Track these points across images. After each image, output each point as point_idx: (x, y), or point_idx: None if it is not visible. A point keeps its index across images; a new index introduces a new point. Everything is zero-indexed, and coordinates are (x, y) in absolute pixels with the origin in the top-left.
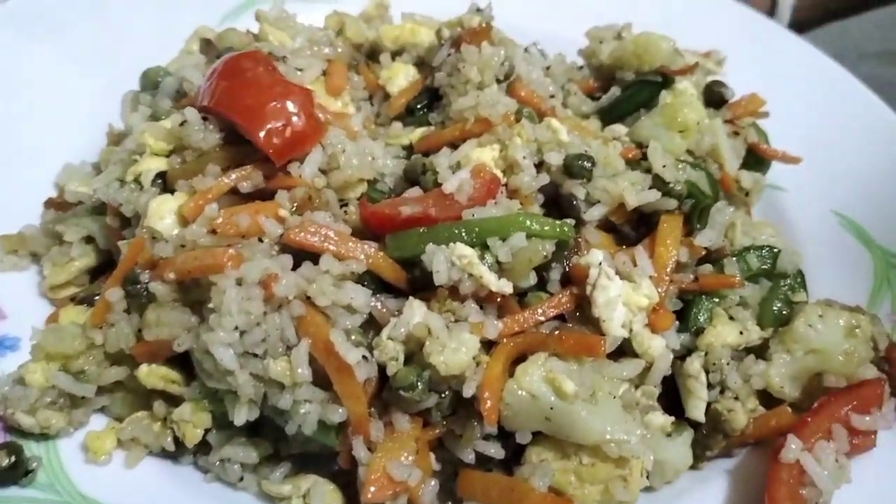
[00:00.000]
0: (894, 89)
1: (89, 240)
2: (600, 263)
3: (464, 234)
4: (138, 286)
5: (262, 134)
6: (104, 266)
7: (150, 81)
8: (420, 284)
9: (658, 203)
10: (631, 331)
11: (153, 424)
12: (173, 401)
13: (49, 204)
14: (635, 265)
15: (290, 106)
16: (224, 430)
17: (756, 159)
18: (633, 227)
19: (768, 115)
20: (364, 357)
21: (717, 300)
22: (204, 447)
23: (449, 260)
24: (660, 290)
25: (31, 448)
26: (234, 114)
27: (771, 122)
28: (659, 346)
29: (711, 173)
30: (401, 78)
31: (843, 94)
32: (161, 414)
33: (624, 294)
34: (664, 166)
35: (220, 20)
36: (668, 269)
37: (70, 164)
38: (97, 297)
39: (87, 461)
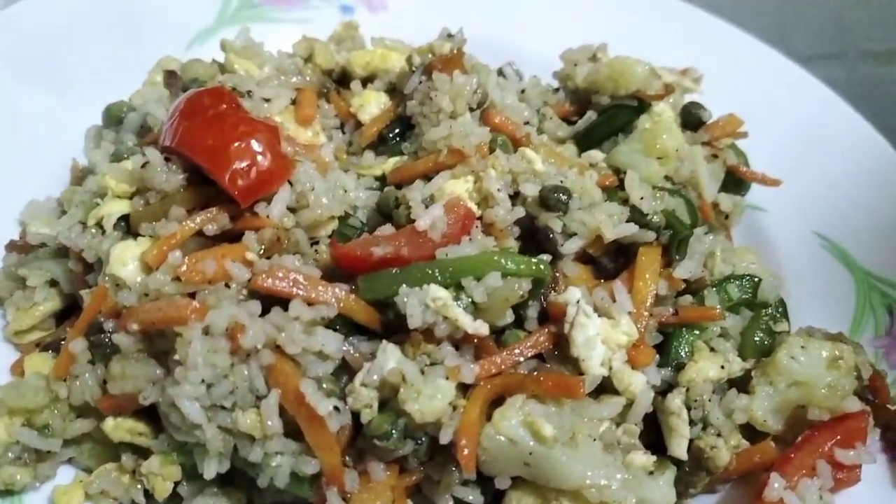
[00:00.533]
0: (895, 89)
1: (53, 283)
2: (578, 301)
3: (437, 274)
4: (102, 336)
5: (226, 175)
6: (70, 309)
7: (113, 117)
8: (394, 327)
9: (636, 235)
10: (611, 368)
11: (122, 477)
12: (142, 452)
13: (11, 247)
14: (614, 300)
15: (255, 145)
16: (194, 481)
17: (735, 181)
18: (612, 259)
19: (747, 135)
20: (335, 408)
21: (697, 332)
22: (175, 499)
23: (423, 302)
24: (639, 325)
25: None
26: (196, 154)
27: (749, 142)
28: (640, 383)
29: (690, 200)
30: (372, 105)
31: (823, 111)
32: (130, 466)
33: (603, 331)
34: (642, 198)
35: (185, 46)
36: (648, 304)
37: (35, 200)
38: (63, 342)
39: None
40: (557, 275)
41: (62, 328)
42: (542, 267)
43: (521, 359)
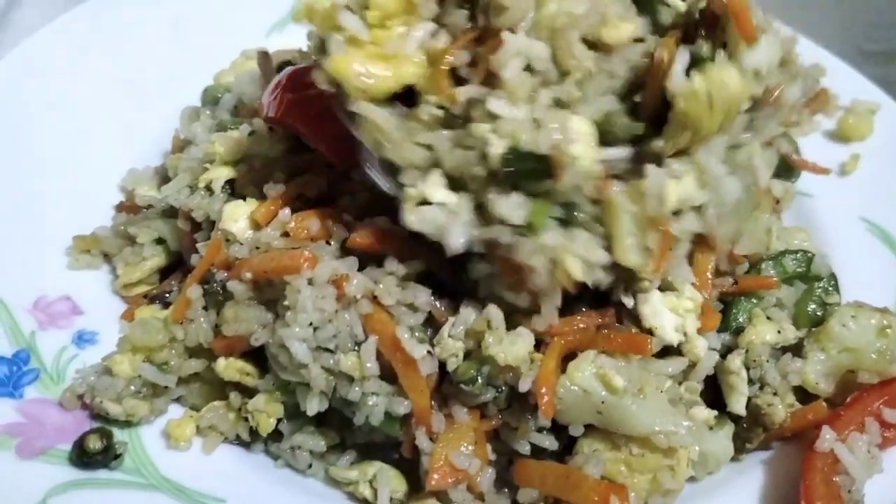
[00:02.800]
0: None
1: (160, 241)
2: None
3: None
4: (215, 285)
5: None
6: (173, 266)
7: (210, 97)
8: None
9: None
10: (685, 334)
11: (229, 413)
12: (247, 392)
13: (120, 207)
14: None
15: None
16: (294, 419)
17: (787, 168)
18: None
19: (797, 123)
20: (428, 352)
21: (755, 301)
22: (275, 436)
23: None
24: (704, 293)
25: (116, 435)
26: (300, 124)
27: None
28: (703, 346)
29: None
30: None
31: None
32: (236, 404)
33: (667, 301)
34: None
35: (265, 35)
36: (709, 275)
37: (135, 169)
38: (168, 295)
39: (168, 447)
40: None
41: (168, 282)
42: None
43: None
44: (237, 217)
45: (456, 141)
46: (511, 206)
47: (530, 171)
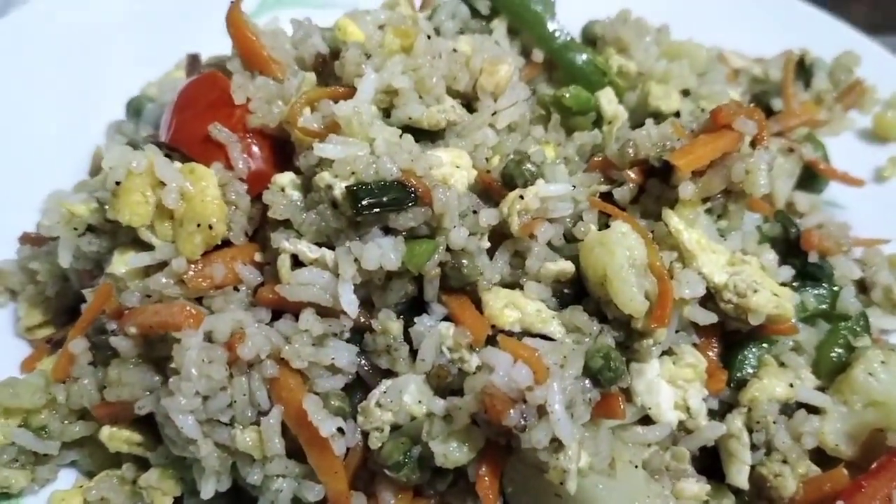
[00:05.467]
0: None
1: (66, 277)
2: None
3: None
4: (104, 337)
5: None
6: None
7: (134, 109)
8: None
9: None
10: (688, 409)
11: (123, 486)
12: (144, 461)
13: (24, 239)
14: None
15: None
16: (197, 497)
17: (812, 177)
18: None
19: (824, 123)
20: (339, 429)
21: (766, 345)
22: None
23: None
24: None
25: None
26: (189, 150)
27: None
28: (701, 410)
29: None
30: None
31: None
32: (130, 477)
33: (664, 371)
34: None
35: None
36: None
37: (61, 190)
38: None
39: None
40: None
41: (71, 326)
42: None
43: None
44: (127, 260)
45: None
46: (381, 251)
47: (393, 200)
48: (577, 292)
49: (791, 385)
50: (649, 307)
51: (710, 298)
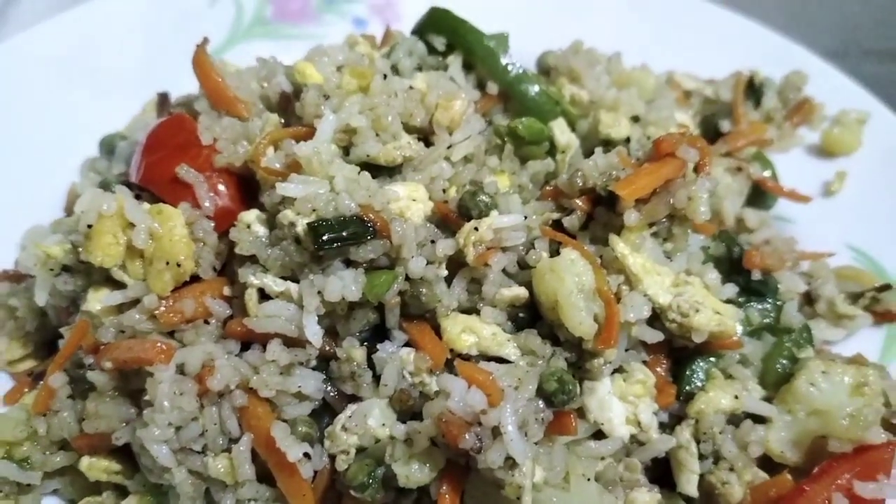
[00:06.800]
0: None
1: (45, 312)
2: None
3: None
4: (82, 371)
5: None
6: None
7: (107, 146)
8: None
9: None
10: (639, 424)
11: None
12: (123, 489)
13: (3, 276)
14: None
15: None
16: None
17: (761, 193)
18: None
19: (772, 142)
20: (306, 454)
21: (713, 359)
22: None
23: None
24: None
25: None
26: (159, 191)
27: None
28: (651, 424)
29: None
30: None
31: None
32: (110, 503)
33: (615, 387)
34: None
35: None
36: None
37: (39, 226)
38: None
39: None
40: None
41: (51, 359)
42: None
43: None
44: (101, 297)
45: (274, 239)
46: (343, 283)
47: (352, 234)
48: (532, 316)
49: (736, 397)
50: (598, 329)
51: (657, 318)
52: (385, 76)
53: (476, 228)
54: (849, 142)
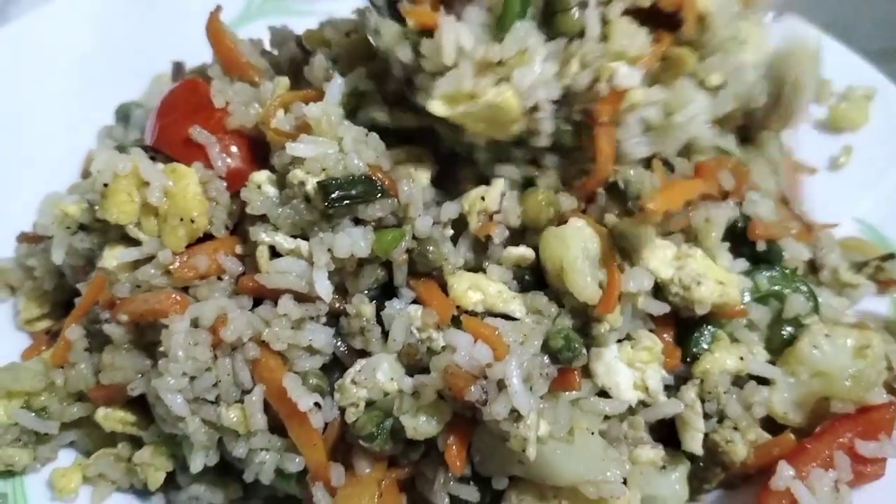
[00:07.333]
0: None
1: (61, 273)
2: None
3: None
4: (98, 325)
5: None
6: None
7: (122, 114)
8: None
9: None
10: (647, 389)
11: (119, 463)
12: (138, 440)
13: (22, 238)
14: None
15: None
16: (188, 471)
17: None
18: None
19: None
20: (317, 404)
21: (721, 322)
22: (174, 483)
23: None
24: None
25: None
26: (172, 152)
27: None
28: (658, 389)
29: None
30: None
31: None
32: (125, 455)
33: (622, 353)
34: None
35: None
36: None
37: (56, 192)
38: None
39: (54, 498)
40: None
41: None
42: None
43: None
44: (117, 254)
45: (284, 198)
46: (352, 240)
47: (361, 193)
48: (537, 280)
49: (741, 358)
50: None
51: (660, 291)
52: None
53: (482, 198)
54: (855, 117)
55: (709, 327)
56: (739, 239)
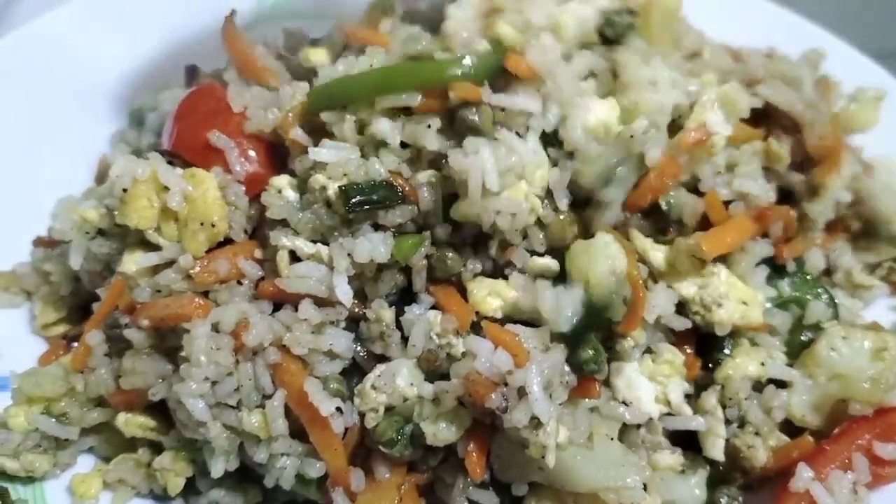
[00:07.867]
0: None
1: (78, 278)
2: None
3: None
4: (118, 330)
5: None
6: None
7: (136, 118)
8: None
9: None
10: (669, 403)
11: (139, 468)
12: (158, 445)
13: (38, 242)
14: None
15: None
16: (208, 476)
17: None
18: None
19: None
20: (338, 409)
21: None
22: (193, 488)
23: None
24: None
25: (17, 491)
26: (190, 156)
27: None
28: (681, 404)
29: None
30: None
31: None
32: (145, 460)
33: (643, 366)
34: None
35: None
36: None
37: (71, 196)
38: None
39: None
40: None
41: (85, 322)
42: None
43: None
44: (136, 259)
45: (305, 203)
46: (372, 245)
47: (382, 198)
48: None
49: (762, 364)
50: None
51: (683, 306)
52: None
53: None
54: (866, 119)
55: (729, 339)
56: None
